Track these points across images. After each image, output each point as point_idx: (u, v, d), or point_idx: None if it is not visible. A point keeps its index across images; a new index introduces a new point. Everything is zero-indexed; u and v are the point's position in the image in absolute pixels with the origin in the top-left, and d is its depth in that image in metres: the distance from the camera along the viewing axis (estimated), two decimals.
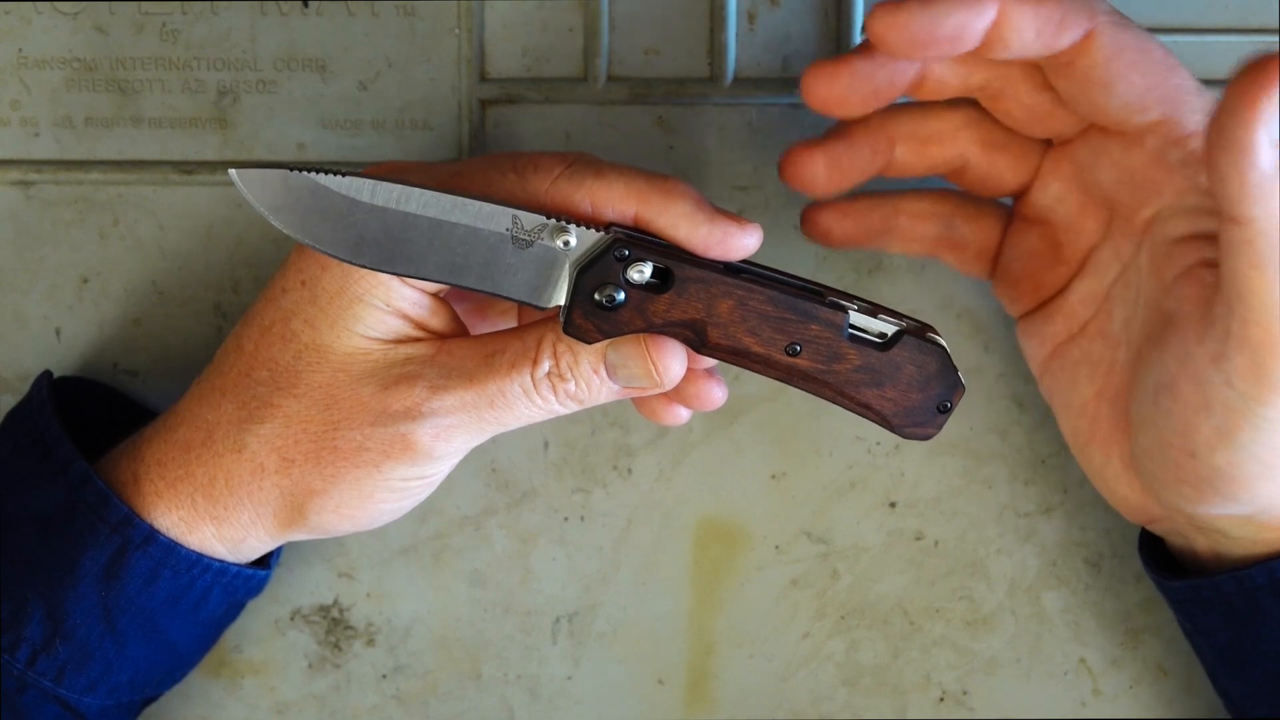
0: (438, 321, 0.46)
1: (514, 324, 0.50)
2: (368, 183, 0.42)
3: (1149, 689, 0.54)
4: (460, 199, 0.42)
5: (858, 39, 0.52)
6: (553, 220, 0.43)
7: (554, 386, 0.44)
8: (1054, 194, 0.48)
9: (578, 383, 0.44)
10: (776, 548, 0.54)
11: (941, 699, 0.54)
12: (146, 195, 0.53)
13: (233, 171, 0.42)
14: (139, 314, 0.54)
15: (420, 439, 0.45)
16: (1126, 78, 0.43)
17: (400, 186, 0.42)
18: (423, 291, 0.45)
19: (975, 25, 0.42)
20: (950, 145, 0.48)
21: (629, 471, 0.54)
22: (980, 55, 0.43)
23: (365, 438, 0.45)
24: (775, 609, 0.54)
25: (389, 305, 0.44)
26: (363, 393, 0.45)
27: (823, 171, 0.47)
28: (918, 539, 0.54)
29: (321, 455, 0.45)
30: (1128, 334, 0.47)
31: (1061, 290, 0.48)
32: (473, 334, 0.47)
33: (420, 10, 0.52)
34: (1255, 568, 0.46)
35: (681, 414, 0.48)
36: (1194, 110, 0.44)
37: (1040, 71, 0.45)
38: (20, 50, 0.53)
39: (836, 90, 0.45)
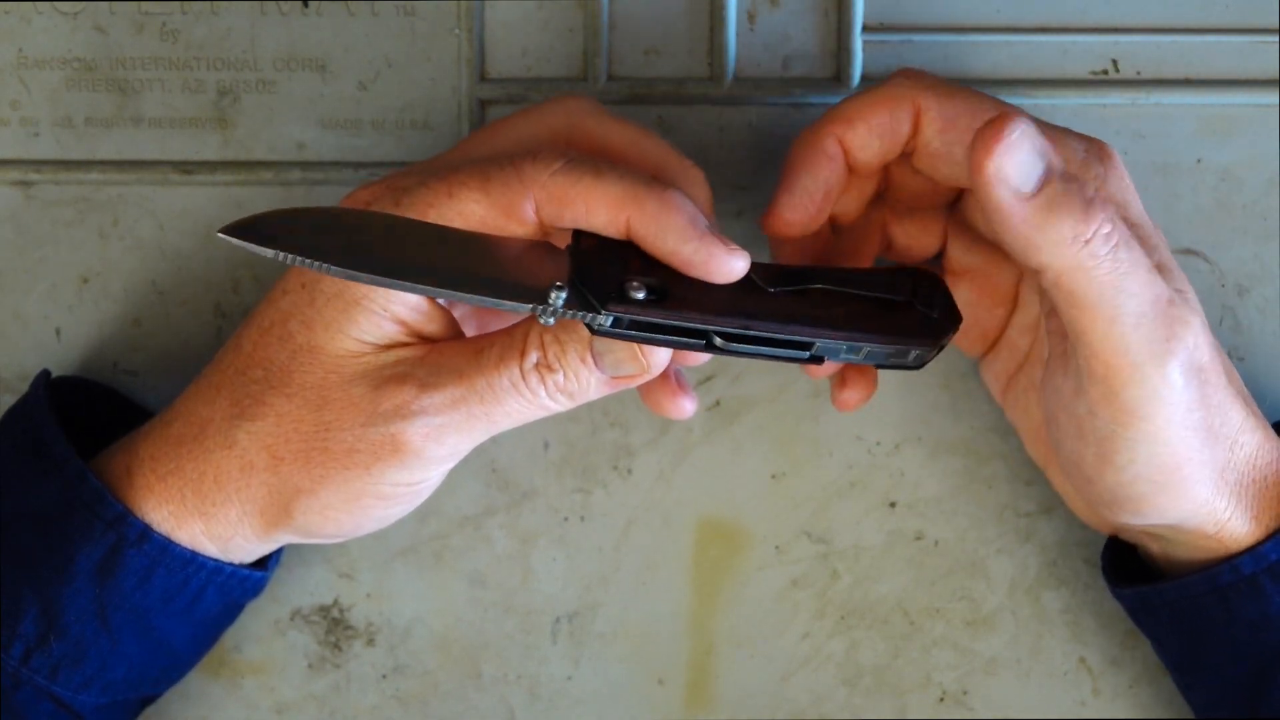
0: (434, 327, 0.46)
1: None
2: (364, 274, 0.41)
3: (1149, 689, 0.54)
4: (452, 296, 0.41)
5: (857, 39, 0.52)
6: (551, 306, 0.41)
7: (542, 378, 0.44)
8: (963, 248, 0.50)
9: (566, 373, 0.44)
10: (776, 548, 0.54)
11: (941, 699, 0.54)
12: (146, 195, 0.53)
13: (220, 234, 0.40)
14: (139, 314, 0.54)
15: (410, 439, 0.44)
16: (964, 143, 0.45)
17: (397, 282, 0.41)
18: (422, 296, 0.45)
19: (834, 178, 0.47)
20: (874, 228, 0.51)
21: (629, 471, 0.54)
22: (857, 172, 0.47)
23: (356, 439, 0.45)
24: (775, 609, 0.54)
25: (386, 310, 0.44)
26: (354, 393, 0.45)
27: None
28: (918, 539, 0.54)
29: (312, 455, 0.45)
30: None
31: (1004, 327, 0.50)
32: (479, 329, 0.47)
33: (420, 10, 0.52)
34: (1197, 575, 0.47)
35: (686, 407, 0.47)
36: None
37: (908, 158, 0.47)
38: (20, 50, 0.53)
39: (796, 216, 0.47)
